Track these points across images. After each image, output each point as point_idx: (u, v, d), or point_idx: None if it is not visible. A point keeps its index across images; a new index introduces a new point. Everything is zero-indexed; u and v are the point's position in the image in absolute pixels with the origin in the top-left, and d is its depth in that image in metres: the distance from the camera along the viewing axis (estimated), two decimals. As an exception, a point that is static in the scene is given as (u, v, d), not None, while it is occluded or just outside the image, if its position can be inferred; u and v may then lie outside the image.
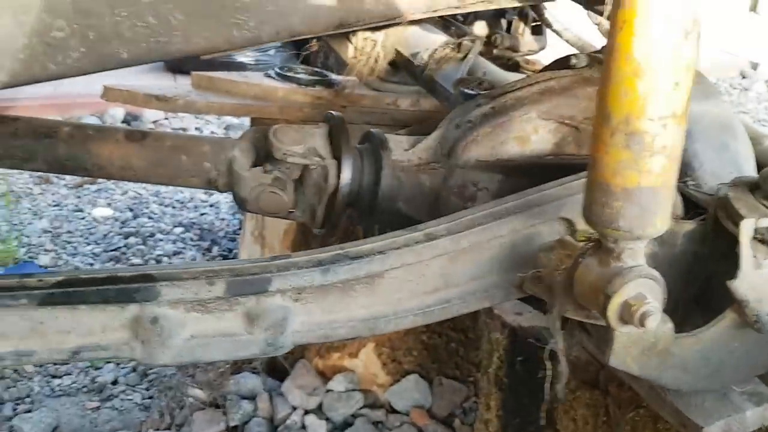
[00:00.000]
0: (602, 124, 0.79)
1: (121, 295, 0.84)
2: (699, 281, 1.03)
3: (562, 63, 1.32)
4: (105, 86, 2.19)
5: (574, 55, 1.30)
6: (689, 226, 1.02)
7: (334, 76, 2.32)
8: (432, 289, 0.99)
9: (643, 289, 0.83)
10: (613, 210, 0.80)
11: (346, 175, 1.24)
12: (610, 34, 0.78)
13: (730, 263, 0.91)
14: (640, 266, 0.83)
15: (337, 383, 2.20)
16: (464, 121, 1.25)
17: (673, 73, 0.75)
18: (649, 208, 0.79)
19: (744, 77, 5.81)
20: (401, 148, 1.29)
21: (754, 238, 0.88)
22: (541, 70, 1.36)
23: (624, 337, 0.89)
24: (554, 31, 2.23)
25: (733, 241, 0.92)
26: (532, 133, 1.22)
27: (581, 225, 1.00)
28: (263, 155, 1.28)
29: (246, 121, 4.43)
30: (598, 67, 1.28)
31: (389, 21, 0.97)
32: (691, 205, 1.08)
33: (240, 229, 3.22)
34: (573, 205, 1.00)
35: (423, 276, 0.97)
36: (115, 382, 2.41)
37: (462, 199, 1.24)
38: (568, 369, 1.05)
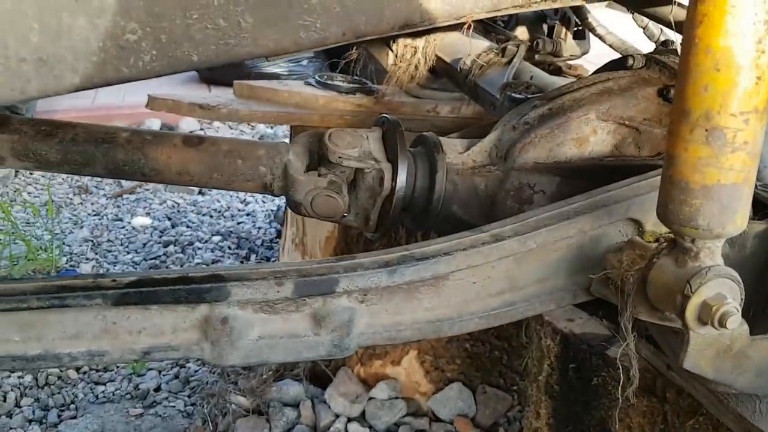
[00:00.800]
0: (680, 120, 0.78)
1: (192, 295, 0.84)
2: (772, 283, 1.00)
3: (619, 64, 1.31)
4: (150, 96, 2.22)
5: (630, 55, 1.29)
6: (760, 226, 0.99)
7: (373, 84, 2.33)
8: (497, 292, 0.97)
9: (722, 289, 0.81)
10: (692, 208, 0.78)
11: (401, 178, 1.23)
12: (687, 29, 0.77)
13: (806, 264, 0.89)
14: (719, 266, 0.81)
15: (380, 391, 2.18)
16: (521, 122, 1.24)
17: (756, 68, 0.74)
18: (729, 206, 0.78)
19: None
20: (455, 152, 1.29)
21: (834, 237, 0.86)
22: (595, 72, 1.35)
23: (699, 339, 0.87)
24: (597, 35, 2.21)
25: (809, 242, 0.90)
26: (590, 135, 1.21)
27: (649, 226, 0.99)
28: (317, 159, 1.28)
29: (279, 131, 4.46)
30: (656, 67, 1.27)
31: (455, 20, 0.96)
32: (760, 206, 1.05)
33: (277, 237, 3.24)
34: (641, 205, 0.98)
35: (488, 278, 0.96)
36: (158, 389, 2.42)
37: (519, 202, 1.23)
38: (625, 376, 1.03)
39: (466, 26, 1.03)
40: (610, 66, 1.33)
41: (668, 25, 1.56)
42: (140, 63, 0.88)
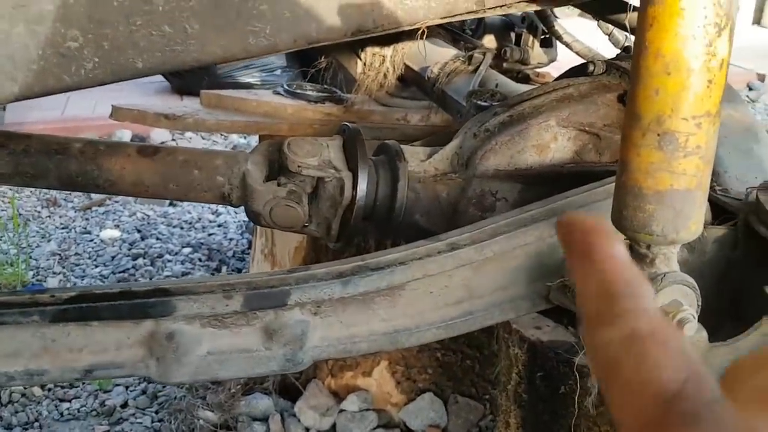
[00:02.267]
0: (632, 125, 0.77)
1: (136, 310, 0.81)
2: (731, 288, 1.00)
3: (579, 70, 1.30)
4: (114, 106, 2.18)
5: (591, 62, 1.28)
6: (719, 231, 0.99)
7: (342, 93, 2.31)
8: (455, 301, 0.96)
9: (678, 295, 0.79)
10: (645, 214, 0.77)
11: (362, 187, 1.21)
12: (639, 32, 0.76)
13: (764, 269, 0.88)
14: (675, 272, 0.80)
15: (351, 403, 2.15)
16: (481, 130, 1.23)
17: (707, 71, 0.73)
18: (683, 211, 0.76)
19: (751, 89, 5.80)
20: (417, 159, 1.27)
21: (791, 241, 0.85)
22: (557, 78, 1.34)
23: (658, 347, 0.86)
24: (564, 42, 2.22)
25: (766, 246, 0.89)
26: (551, 141, 1.20)
27: (608, 232, 0.98)
28: (277, 168, 1.26)
29: (253, 141, 4.42)
30: (616, 73, 1.26)
31: (409, 26, 0.95)
32: (719, 210, 1.05)
33: (249, 248, 3.20)
34: (598, 211, 0.97)
35: (446, 287, 0.94)
36: (124, 405, 2.37)
37: (481, 210, 1.22)
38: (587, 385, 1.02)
39: (420, 32, 1.02)
40: (572, 72, 1.33)
41: (632, 31, 1.57)
42: (82, 71, 0.85)
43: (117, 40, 0.85)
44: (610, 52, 1.88)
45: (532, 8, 1.13)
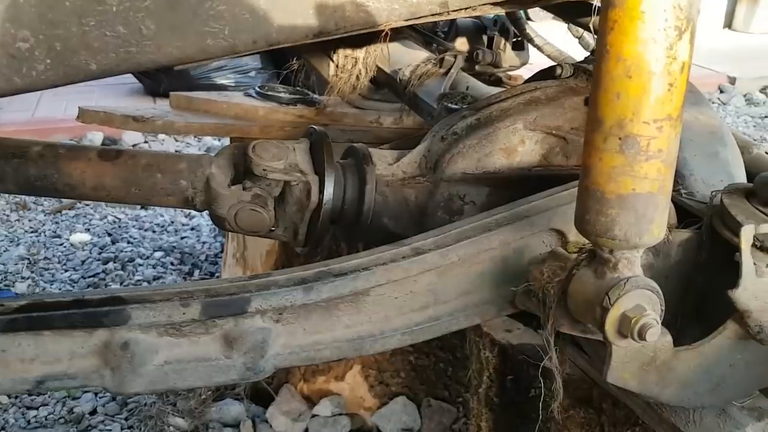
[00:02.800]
0: (594, 128, 0.76)
1: (89, 319, 0.79)
2: (696, 292, 0.99)
3: (547, 73, 1.30)
4: (81, 108, 2.14)
5: (558, 65, 1.28)
6: (684, 235, 0.98)
7: (315, 95, 2.29)
8: (420, 307, 0.94)
9: (641, 300, 0.79)
10: (607, 218, 0.76)
11: (329, 191, 1.20)
12: (600, 35, 0.75)
13: (729, 272, 0.88)
14: (638, 277, 0.80)
15: (324, 408, 2.13)
16: (449, 133, 1.22)
17: (668, 74, 0.72)
18: (645, 215, 0.76)
19: (722, 92, 5.87)
20: (385, 163, 1.26)
21: (753, 245, 0.85)
22: (525, 81, 1.34)
23: (622, 351, 0.85)
24: (535, 46, 2.23)
25: (731, 250, 0.89)
26: (518, 144, 1.19)
27: (572, 236, 0.97)
28: (242, 172, 1.24)
29: (226, 143, 4.38)
30: (584, 76, 1.26)
31: (372, 28, 0.94)
32: (685, 214, 1.05)
33: (222, 252, 3.16)
34: (563, 215, 0.97)
35: (410, 293, 0.93)
36: (93, 412, 2.33)
37: (449, 214, 1.20)
38: (561, 387, 1.01)
39: (383, 35, 1.00)
40: (540, 75, 1.32)
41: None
42: (34, 72, 0.83)
43: (69, 40, 0.82)
44: (581, 55, 1.89)
45: (497, 11, 1.13)
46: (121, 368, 0.80)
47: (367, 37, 1.88)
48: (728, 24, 8.08)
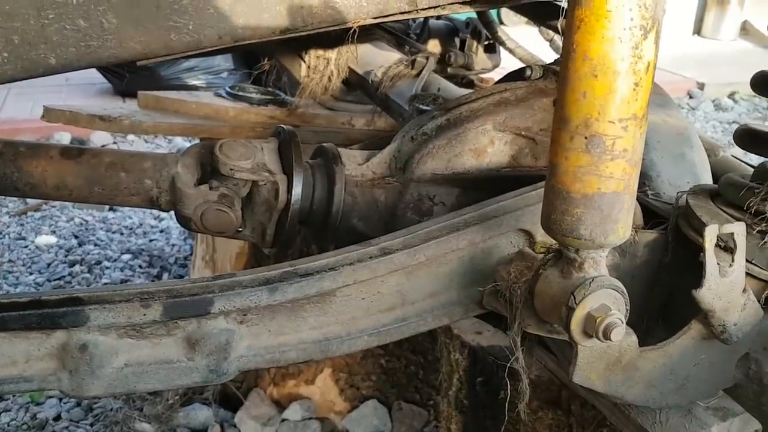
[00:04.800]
0: (561, 128, 0.76)
1: (46, 320, 0.77)
2: (662, 292, 1.00)
3: (517, 75, 1.30)
4: (45, 107, 2.10)
5: (528, 66, 1.28)
6: (650, 235, 0.99)
7: (286, 96, 2.27)
8: (387, 307, 0.93)
9: (606, 300, 0.79)
10: (573, 217, 0.76)
11: (297, 191, 1.18)
12: (567, 35, 0.75)
13: (694, 273, 0.88)
14: (603, 276, 0.80)
15: (293, 412, 2.11)
16: (419, 133, 1.21)
17: (633, 74, 0.73)
18: (611, 215, 0.76)
19: (691, 97, 5.97)
20: (355, 163, 1.25)
21: (717, 245, 0.86)
22: (496, 83, 1.34)
23: (587, 351, 0.85)
24: (507, 48, 2.24)
25: (696, 250, 0.89)
26: (488, 145, 1.19)
27: (540, 236, 0.97)
28: (209, 172, 1.22)
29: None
30: (553, 78, 1.26)
31: (340, 26, 0.93)
32: (651, 214, 1.06)
33: (192, 254, 3.12)
34: (531, 215, 0.97)
35: (378, 293, 0.92)
36: (57, 418, 2.27)
37: (418, 214, 1.20)
38: (529, 388, 1.01)
39: (351, 32, 0.99)
40: (510, 77, 1.32)
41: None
42: (-11, 66, 0.80)
43: (28, 34, 0.80)
44: (552, 58, 1.90)
45: (466, 9, 1.12)
46: (79, 371, 0.78)
47: (338, 37, 1.87)
48: (697, 30, 8.24)
